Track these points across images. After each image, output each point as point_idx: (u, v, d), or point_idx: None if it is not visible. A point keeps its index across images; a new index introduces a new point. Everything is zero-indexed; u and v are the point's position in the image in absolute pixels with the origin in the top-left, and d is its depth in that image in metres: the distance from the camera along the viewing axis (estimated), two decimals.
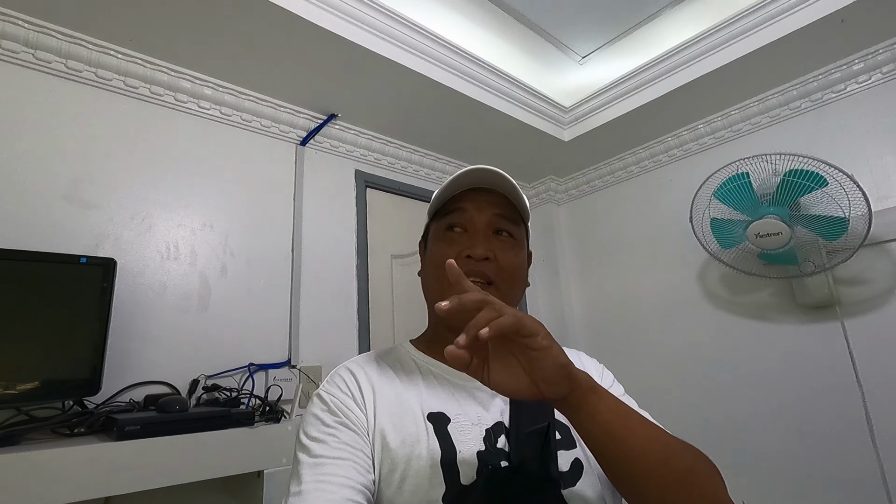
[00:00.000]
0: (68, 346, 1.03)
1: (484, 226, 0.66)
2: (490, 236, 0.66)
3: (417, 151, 2.02)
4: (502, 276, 0.65)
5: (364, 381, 0.62)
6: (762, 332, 1.74)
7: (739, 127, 1.86)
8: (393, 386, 0.62)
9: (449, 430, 0.57)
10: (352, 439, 0.55)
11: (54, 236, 1.18)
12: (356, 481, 0.51)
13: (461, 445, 0.56)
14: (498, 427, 0.59)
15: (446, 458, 0.55)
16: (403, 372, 0.65)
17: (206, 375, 1.31)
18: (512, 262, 0.66)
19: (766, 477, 1.66)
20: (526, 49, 1.77)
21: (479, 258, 0.63)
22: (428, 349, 0.70)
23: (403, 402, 0.60)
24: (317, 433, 0.56)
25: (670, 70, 1.74)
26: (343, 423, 0.57)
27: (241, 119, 1.57)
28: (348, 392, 0.61)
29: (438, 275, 0.65)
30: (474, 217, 0.66)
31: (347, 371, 0.64)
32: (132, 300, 1.25)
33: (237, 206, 1.52)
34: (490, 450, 0.57)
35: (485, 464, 0.55)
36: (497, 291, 0.64)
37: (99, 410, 1.09)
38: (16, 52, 1.21)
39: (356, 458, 0.53)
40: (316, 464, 0.52)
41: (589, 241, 2.35)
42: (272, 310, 1.51)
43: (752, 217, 1.46)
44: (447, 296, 0.61)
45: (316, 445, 0.54)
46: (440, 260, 0.64)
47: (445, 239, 0.67)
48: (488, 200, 0.67)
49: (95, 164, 1.29)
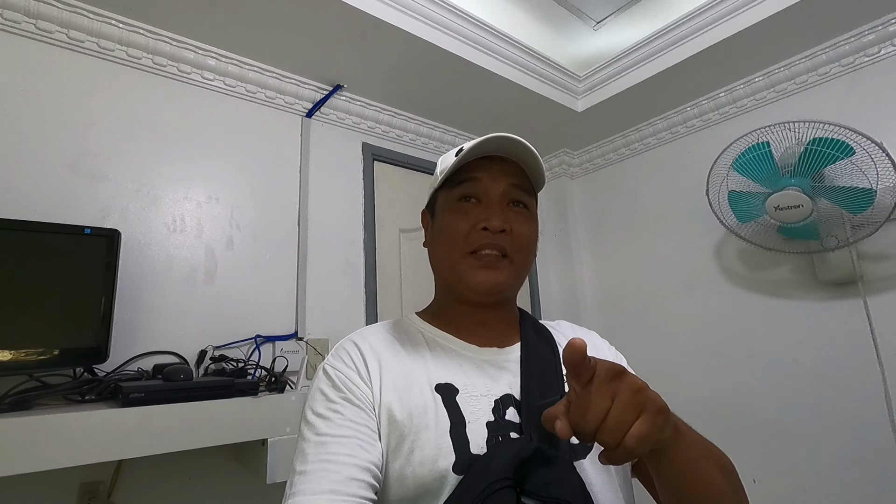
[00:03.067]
0: (76, 316, 1.05)
1: (499, 196, 0.64)
2: (505, 207, 0.64)
3: (426, 124, 1.98)
4: (516, 249, 0.64)
5: (369, 354, 0.61)
6: (781, 310, 1.68)
7: (763, 95, 1.77)
8: (399, 358, 0.62)
9: (458, 401, 0.57)
10: (356, 415, 0.55)
11: (61, 208, 1.19)
12: (361, 459, 0.51)
13: (470, 416, 0.56)
14: (506, 399, 0.59)
15: (456, 428, 0.54)
16: (410, 344, 0.65)
17: (213, 346, 1.33)
18: (527, 234, 0.65)
19: (779, 455, 1.63)
20: (538, 15, 1.70)
21: (495, 230, 0.62)
22: (434, 320, 0.69)
23: (410, 374, 0.60)
24: (322, 409, 0.56)
25: (689, 34, 1.65)
26: (347, 398, 0.56)
27: (245, 90, 1.55)
28: (352, 366, 0.60)
29: (450, 246, 0.64)
30: (489, 187, 0.64)
31: (352, 344, 0.63)
32: (139, 272, 1.27)
33: (243, 179, 1.51)
34: (499, 421, 0.56)
35: (495, 434, 0.54)
36: (511, 264, 0.64)
37: (108, 378, 1.12)
38: (18, 23, 1.20)
39: (361, 435, 0.53)
40: (320, 442, 0.52)
41: (603, 216, 2.30)
42: (279, 283, 1.51)
43: (772, 189, 1.40)
44: (457, 268, 0.63)
45: (321, 422, 0.54)
46: (453, 232, 0.64)
47: (459, 210, 0.65)
48: (503, 170, 0.65)
49: (100, 136, 1.29)
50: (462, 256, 0.63)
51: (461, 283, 0.64)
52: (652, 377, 0.69)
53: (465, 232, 0.63)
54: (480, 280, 0.62)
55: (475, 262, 0.63)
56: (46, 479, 1.03)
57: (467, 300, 0.65)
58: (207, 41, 1.44)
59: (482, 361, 0.63)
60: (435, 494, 0.51)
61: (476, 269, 0.62)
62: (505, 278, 0.63)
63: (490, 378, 0.61)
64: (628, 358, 0.82)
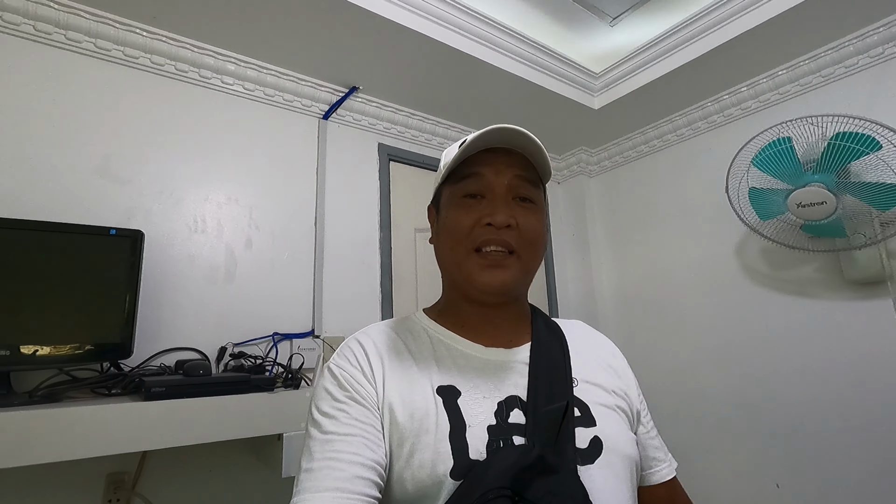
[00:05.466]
0: (102, 313, 1.10)
1: (504, 190, 0.62)
2: (510, 202, 0.62)
3: (441, 123, 1.99)
4: (524, 244, 0.62)
5: (373, 353, 0.61)
6: (806, 310, 1.64)
7: (787, 89, 1.72)
8: (402, 358, 0.61)
9: (459, 404, 0.56)
10: (361, 414, 0.55)
11: (89, 210, 1.25)
12: (366, 457, 0.51)
13: (471, 419, 0.55)
14: (511, 400, 0.57)
15: (455, 432, 0.53)
16: (414, 343, 0.64)
17: (233, 343, 1.37)
18: (535, 228, 0.63)
19: (803, 458, 1.58)
20: (554, 13, 1.69)
21: (500, 226, 0.60)
22: (441, 318, 0.68)
23: (412, 374, 0.59)
24: (327, 408, 0.55)
25: (709, 28, 1.61)
26: (352, 397, 0.56)
27: (263, 94, 1.59)
28: (357, 365, 0.60)
29: (454, 243, 0.63)
30: (493, 181, 0.62)
31: (357, 343, 0.63)
32: (162, 271, 1.31)
33: (261, 181, 1.55)
34: (501, 424, 0.55)
35: (495, 438, 0.53)
36: (519, 260, 0.62)
37: (133, 373, 1.17)
38: (49, 34, 1.26)
39: (366, 434, 0.53)
40: (326, 440, 0.52)
41: (621, 215, 2.27)
42: (296, 281, 1.55)
43: (794, 185, 1.36)
44: (463, 266, 0.62)
45: (326, 421, 0.54)
46: (456, 228, 0.62)
47: (462, 206, 0.63)
48: (507, 162, 0.63)
49: (125, 140, 1.34)
50: (467, 254, 0.62)
51: (467, 281, 0.62)
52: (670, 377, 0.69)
53: (468, 228, 0.61)
54: (487, 280, 0.61)
55: (481, 261, 0.61)
56: (76, 470, 1.09)
57: (474, 299, 0.64)
58: (227, 47, 1.48)
59: (487, 362, 0.62)
60: (433, 498, 0.51)
61: (482, 269, 0.61)
62: (512, 277, 0.61)
63: (495, 379, 0.60)
64: (647, 358, 0.81)
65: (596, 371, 0.66)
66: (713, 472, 1.81)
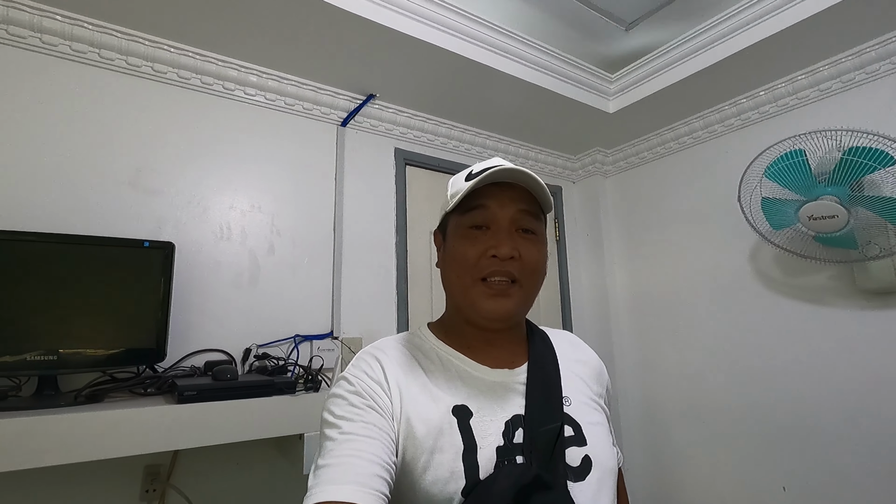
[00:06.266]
0: (138, 320, 1.18)
1: (507, 223, 0.66)
2: (514, 234, 0.66)
3: (456, 127, 2.02)
4: (526, 274, 0.66)
5: (390, 368, 0.64)
6: (818, 317, 1.64)
7: (806, 94, 1.70)
8: (417, 376, 0.64)
9: (471, 425, 0.59)
10: (378, 421, 0.57)
11: (123, 221, 1.33)
12: (383, 459, 0.53)
13: (482, 441, 0.58)
14: (516, 420, 0.61)
15: (468, 453, 0.56)
16: (427, 362, 0.67)
17: (257, 345, 1.45)
18: (536, 259, 0.67)
19: (811, 464, 1.61)
20: (568, 19, 1.69)
21: (504, 258, 0.64)
22: (447, 339, 0.71)
23: (428, 392, 0.62)
24: (344, 412, 0.57)
25: (728, 34, 1.60)
26: (370, 405, 0.58)
27: (284, 103, 1.65)
28: (374, 377, 0.62)
29: (461, 272, 0.66)
30: (497, 214, 0.66)
31: (373, 357, 0.66)
32: (191, 277, 1.39)
33: (283, 188, 1.62)
34: (508, 445, 0.59)
35: (502, 459, 0.57)
36: (521, 289, 0.66)
37: (166, 374, 1.25)
38: (84, 53, 1.33)
39: (383, 439, 0.55)
40: (346, 439, 0.54)
41: (636, 216, 2.28)
42: (316, 285, 1.62)
43: (807, 197, 1.36)
44: (468, 294, 0.66)
45: (345, 423, 0.56)
46: (463, 258, 0.66)
47: (468, 237, 0.67)
48: (511, 196, 0.67)
49: (155, 153, 1.41)
50: (473, 282, 0.65)
51: (472, 309, 0.66)
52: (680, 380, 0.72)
53: (475, 259, 0.65)
54: (491, 308, 0.64)
55: (486, 290, 0.65)
56: (117, 462, 1.18)
57: (477, 325, 0.68)
58: (249, 59, 1.53)
59: (494, 383, 0.65)
60: None
61: (487, 298, 0.64)
62: (514, 305, 0.65)
63: (501, 400, 0.63)
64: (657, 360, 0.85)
65: (583, 387, 0.71)
66: (721, 475, 1.84)
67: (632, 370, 2.21)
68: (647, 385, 2.13)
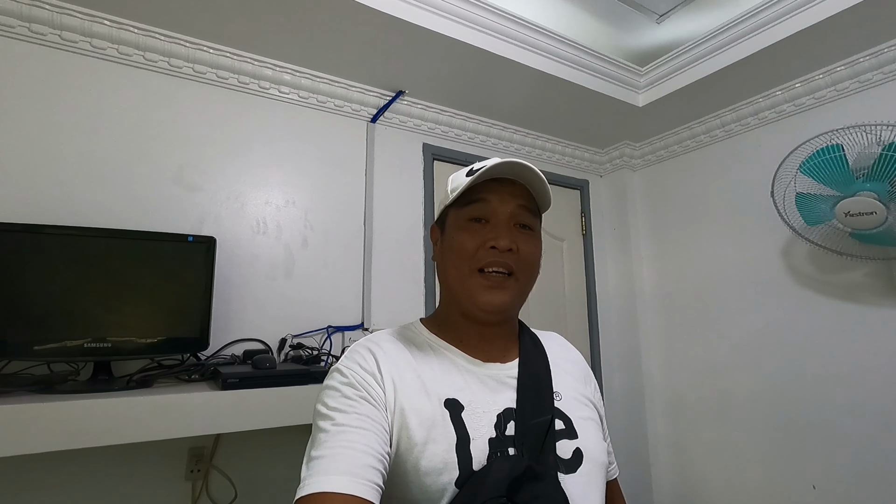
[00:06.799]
0: (184, 310, 1.25)
1: (507, 217, 0.67)
2: (512, 228, 0.67)
3: (484, 122, 2.03)
4: (522, 268, 0.67)
5: (383, 361, 0.64)
6: (854, 315, 1.61)
7: (845, 85, 1.65)
8: (411, 368, 0.64)
9: (463, 417, 0.60)
10: (372, 412, 0.57)
11: (167, 215, 1.40)
12: (376, 450, 0.53)
13: (474, 433, 0.59)
14: (508, 413, 0.62)
15: (461, 445, 0.57)
16: (420, 355, 0.67)
17: (292, 335, 1.51)
18: (532, 253, 0.69)
19: (843, 463, 1.59)
20: (597, 11, 1.68)
21: (503, 249, 0.65)
22: (441, 332, 0.71)
23: (421, 385, 0.62)
24: (338, 404, 0.57)
25: (763, 25, 1.57)
26: (364, 397, 0.58)
27: (316, 101, 1.69)
28: (368, 369, 0.62)
29: (459, 263, 0.67)
30: (497, 208, 0.67)
31: (367, 349, 0.65)
32: (230, 269, 1.46)
33: (315, 183, 1.67)
34: (500, 437, 0.60)
35: (494, 451, 0.58)
36: (517, 283, 0.67)
37: (208, 362, 1.32)
38: (129, 55, 1.40)
39: (376, 430, 0.55)
40: (339, 431, 0.54)
41: (664, 210, 2.26)
42: (347, 278, 1.67)
43: (844, 193, 1.33)
44: (466, 285, 0.67)
45: (338, 415, 0.56)
46: (462, 249, 0.67)
47: (468, 229, 0.67)
48: (511, 192, 0.68)
49: (196, 150, 1.48)
50: (471, 273, 0.66)
51: (469, 300, 0.66)
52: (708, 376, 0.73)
53: (473, 250, 0.66)
54: (488, 299, 0.65)
55: (483, 282, 0.66)
56: (164, 444, 1.26)
57: (473, 317, 0.69)
58: (283, 59, 1.58)
59: (486, 377, 0.66)
60: (434, 502, 0.55)
61: (484, 289, 0.65)
62: (510, 298, 0.67)
63: (493, 393, 0.64)
64: (684, 356, 0.87)
65: (574, 384, 0.73)
66: (749, 473, 1.83)
67: (658, 366, 2.20)
68: (674, 381, 2.12)
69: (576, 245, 2.33)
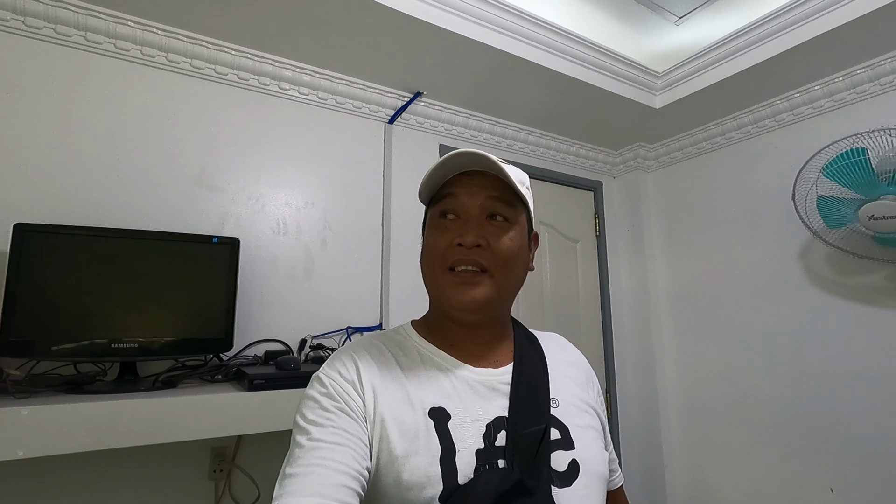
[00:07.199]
0: (208, 311, 1.25)
1: (477, 211, 0.63)
2: (483, 222, 0.64)
3: (499, 123, 2.04)
4: (497, 263, 0.63)
5: (365, 368, 0.61)
6: (873, 318, 1.61)
7: (865, 88, 1.64)
8: (394, 376, 0.61)
9: (449, 428, 0.57)
10: (350, 426, 0.55)
11: (190, 217, 1.40)
12: (351, 467, 0.51)
13: (460, 444, 0.56)
14: (499, 422, 0.59)
15: (446, 456, 0.54)
16: (406, 361, 0.64)
17: (312, 336, 1.52)
18: (507, 247, 0.63)
19: (861, 466, 1.59)
20: (616, 13, 1.68)
21: (469, 246, 0.61)
22: (430, 336, 0.68)
23: (404, 394, 0.59)
24: (315, 416, 0.55)
25: (783, 28, 1.56)
26: (342, 408, 0.56)
27: (335, 102, 1.69)
28: (348, 378, 0.59)
29: (431, 262, 0.65)
30: (466, 202, 0.64)
31: (349, 356, 0.63)
32: (251, 270, 1.46)
33: (334, 184, 1.67)
34: (489, 448, 0.56)
35: (482, 463, 0.55)
36: (491, 279, 0.63)
37: (231, 362, 1.33)
38: (152, 57, 1.40)
39: (353, 445, 0.53)
40: (313, 447, 0.52)
41: (678, 211, 2.25)
42: (365, 278, 1.67)
43: (867, 197, 1.33)
44: (438, 284, 0.64)
45: (314, 429, 0.54)
46: (433, 248, 0.64)
47: (438, 227, 0.65)
48: (481, 184, 0.64)
49: (218, 152, 1.48)
50: (442, 272, 0.63)
51: (443, 299, 0.64)
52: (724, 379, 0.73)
53: (443, 248, 0.63)
54: (458, 296, 0.62)
55: (453, 279, 0.62)
56: (188, 444, 1.26)
57: (453, 318, 0.66)
58: (302, 60, 1.58)
59: (476, 383, 0.63)
60: None
61: (454, 286, 0.62)
62: (484, 294, 0.62)
63: (483, 400, 0.61)
64: (699, 358, 0.85)
65: (574, 388, 0.69)
66: (765, 475, 1.83)
67: (673, 367, 2.20)
68: (689, 382, 2.12)
69: (590, 246, 2.33)
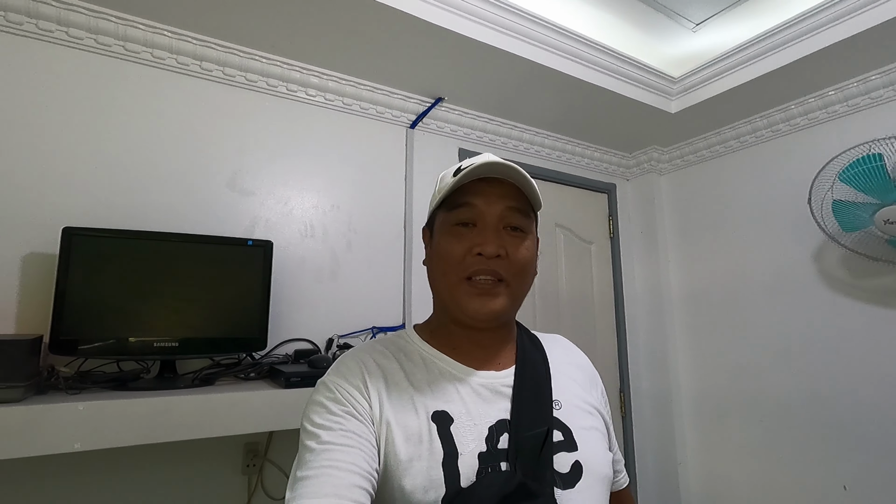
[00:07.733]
0: (243, 311, 1.30)
1: (495, 220, 0.64)
2: (501, 232, 0.64)
3: (517, 127, 2.07)
4: (513, 273, 0.64)
5: (370, 373, 0.62)
6: (885, 320, 1.64)
7: (880, 93, 1.67)
8: (398, 380, 0.62)
9: (451, 431, 0.57)
10: (358, 428, 0.55)
11: (223, 220, 1.45)
12: (362, 468, 0.51)
13: (463, 447, 0.56)
14: (501, 425, 0.59)
15: (448, 460, 0.55)
16: (409, 365, 0.65)
17: (338, 335, 1.56)
18: (524, 257, 0.65)
19: (875, 465, 1.62)
20: (633, 19, 1.72)
21: (490, 256, 0.62)
22: (433, 340, 0.68)
23: (407, 397, 0.60)
24: (323, 420, 0.56)
25: (798, 36, 1.59)
26: (350, 412, 0.57)
27: (359, 107, 1.74)
28: (354, 383, 0.60)
29: (446, 269, 0.64)
30: (485, 212, 0.64)
31: (354, 361, 0.64)
32: (281, 272, 1.51)
33: (358, 188, 1.71)
34: (491, 451, 0.57)
35: (485, 466, 0.55)
36: (508, 288, 0.64)
37: (263, 361, 1.38)
38: (187, 66, 1.45)
39: (362, 447, 0.54)
40: (324, 450, 0.52)
41: (692, 214, 2.28)
42: (389, 279, 1.72)
43: (883, 201, 1.36)
44: (454, 293, 0.64)
45: (323, 432, 0.54)
46: (449, 256, 0.64)
47: (454, 234, 0.64)
48: (499, 193, 0.64)
49: (249, 156, 1.53)
50: (458, 281, 0.63)
51: (458, 308, 0.64)
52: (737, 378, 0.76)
53: (460, 256, 0.63)
54: (476, 307, 0.62)
55: (471, 289, 0.63)
56: (222, 439, 1.32)
57: (464, 324, 0.66)
58: (328, 66, 1.62)
59: (479, 386, 0.63)
60: None
61: (472, 297, 0.63)
62: (501, 304, 0.63)
63: (486, 403, 0.61)
64: (713, 358, 0.87)
65: (577, 390, 0.69)
66: (778, 473, 1.87)
67: (687, 367, 2.24)
68: (703, 383, 2.16)
69: (604, 248, 2.37)
